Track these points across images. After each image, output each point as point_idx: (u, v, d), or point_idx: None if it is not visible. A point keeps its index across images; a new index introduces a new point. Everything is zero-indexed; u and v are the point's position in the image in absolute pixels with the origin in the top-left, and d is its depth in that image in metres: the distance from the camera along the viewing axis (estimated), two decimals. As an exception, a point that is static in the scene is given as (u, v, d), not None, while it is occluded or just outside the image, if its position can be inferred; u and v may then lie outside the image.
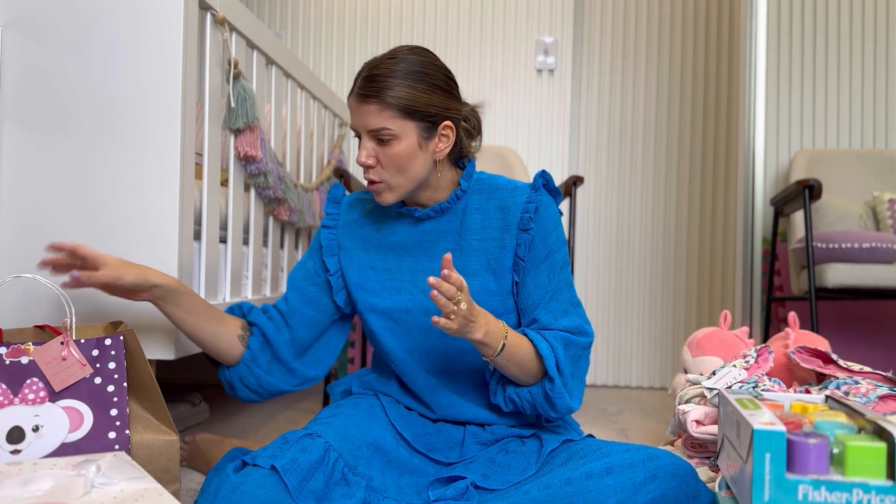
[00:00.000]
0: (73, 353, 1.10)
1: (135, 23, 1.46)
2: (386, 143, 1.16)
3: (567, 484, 1.04)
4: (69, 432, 1.05)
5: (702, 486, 1.06)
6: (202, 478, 1.55)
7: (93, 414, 1.08)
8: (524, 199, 1.23)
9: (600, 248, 3.21)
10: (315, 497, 1.03)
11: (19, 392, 1.06)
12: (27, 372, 1.08)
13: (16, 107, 1.47)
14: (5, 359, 1.08)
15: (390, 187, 1.20)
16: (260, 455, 1.06)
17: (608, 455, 1.07)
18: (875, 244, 2.11)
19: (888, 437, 0.84)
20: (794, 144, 2.76)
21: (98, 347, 1.13)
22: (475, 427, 1.26)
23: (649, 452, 1.07)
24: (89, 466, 0.88)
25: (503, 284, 1.23)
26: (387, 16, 3.14)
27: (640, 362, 3.19)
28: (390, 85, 1.14)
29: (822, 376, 1.57)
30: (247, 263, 1.95)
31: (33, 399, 1.06)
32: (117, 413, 1.09)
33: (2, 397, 1.05)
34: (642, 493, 1.02)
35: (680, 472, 1.05)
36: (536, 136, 3.08)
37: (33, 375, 1.08)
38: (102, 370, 1.11)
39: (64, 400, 1.08)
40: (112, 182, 1.46)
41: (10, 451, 1.02)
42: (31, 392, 1.07)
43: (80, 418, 1.07)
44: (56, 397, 1.08)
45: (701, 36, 3.18)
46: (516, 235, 1.22)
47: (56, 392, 1.08)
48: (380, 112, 1.15)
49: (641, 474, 1.03)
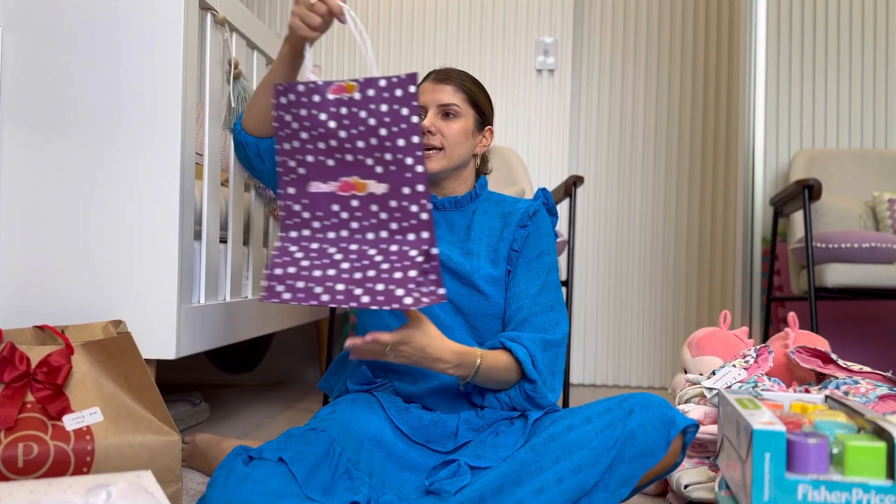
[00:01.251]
0: None
1: (135, 23, 1.46)
2: (450, 119, 1.36)
3: (551, 440, 1.10)
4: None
5: (676, 412, 1.11)
6: (203, 478, 1.55)
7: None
8: (525, 206, 1.40)
9: (600, 248, 3.21)
10: (321, 489, 1.04)
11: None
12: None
13: (16, 107, 1.48)
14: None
15: (444, 157, 1.35)
16: (266, 448, 1.07)
17: (588, 409, 1.14)
18: (875, 244, 2.11)
19: (888, 437, 0.84)
20: (794, 144, 2.76)
21: None
22: (468, 413, 1.29)
23: (623, 396, 1.14)
24: (99, 493, 0.85)
25: (499, 271, 1.35)
26: (387, 16, 3.14)
27: (640, 362, 3.20)
28: (463, 78, 1.40)
29: (822, 376, 1.57)
30: (247, 263, 1.95)
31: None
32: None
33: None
34: (620, 428, 1.08)
35: (654, 403, 1.11)
36: (536, 136, 3.08)
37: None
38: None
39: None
40: (112, 182, 1.47)
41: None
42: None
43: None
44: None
45: (701, 36, 3.19)
46: (514, 231, 1.36)
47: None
48: (454, 92, 1.37)
49: (618, 413, 1.10)
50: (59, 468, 1.10)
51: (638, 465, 1.07)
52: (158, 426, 1.17)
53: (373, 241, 1.09)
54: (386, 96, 1.05)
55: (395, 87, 1.05)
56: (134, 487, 0.86)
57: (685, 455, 1.16)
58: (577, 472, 1.05)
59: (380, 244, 1.09)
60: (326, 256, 1.10)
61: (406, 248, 1.07)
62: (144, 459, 1.14)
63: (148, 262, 1.45)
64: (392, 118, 1.05)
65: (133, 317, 1.45)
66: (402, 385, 1.34)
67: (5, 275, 1.48)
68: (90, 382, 1.18)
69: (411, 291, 1.02)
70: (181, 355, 1.47)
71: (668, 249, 3.19)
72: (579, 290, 3.21)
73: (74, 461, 1.11)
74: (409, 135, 1.05)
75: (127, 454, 1.14)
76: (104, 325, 1.33)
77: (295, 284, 1.08)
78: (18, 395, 1.13)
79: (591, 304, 3.21)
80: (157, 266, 1.45)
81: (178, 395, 2.11)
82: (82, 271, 1.46)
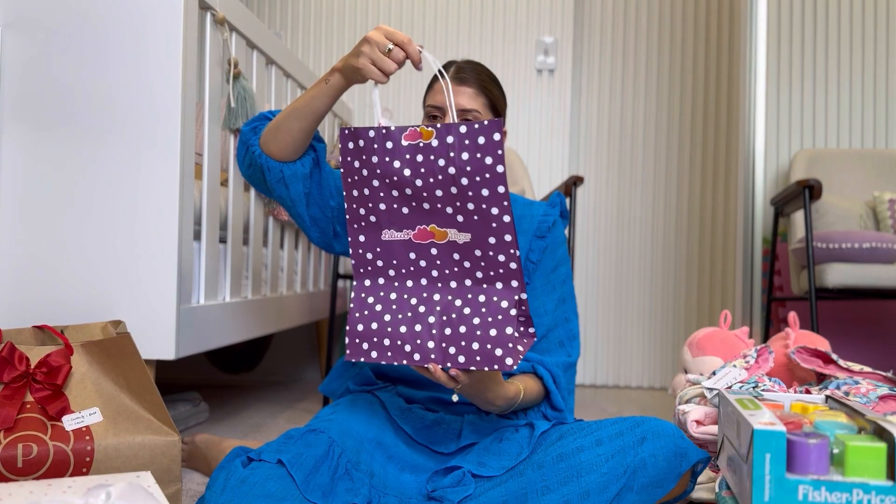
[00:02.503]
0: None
1: (135, 23, 1.46)
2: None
3: (560, 460, 1.07)
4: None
5: (689, 444, 1.09)
6: (202, 478, 1.55)
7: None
8: (541, 213, 1.36)
9: (600, 247, 3.21)
10: (321, 491, 1.04)
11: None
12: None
13: (16, 106, 1.47)
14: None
15: None
16: (265, 450, 1.07)
17: (598, 429, 1.11)
18: (875, 244, 2.11)
19: (888, 438, 0.84)
20: (794, 144, 2.76)
21: None
22: (473, 416, 1.28)
23: (636, 420, 1.10)
24: (98, 493, 0.85)
25: None
26: (387, 16, 3.14)
27: (640, 362, 3.19)
28: (485, 79, 1.32)
29: (822, 376, 1.57)
30: (247, 263, 1.95)
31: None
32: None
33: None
34: (632, 456, 1.05)
35: (667, 432, 1.08)
36: (536, 136, 3.08)
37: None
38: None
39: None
40: (112, 182, 1.46)
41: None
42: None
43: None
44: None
45: (701, 36, 3.18)
46: (531, 241, 1.33)
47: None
48: (475, 96, 1.30)
49: (630, 439, 1.07)
50: (58, 468, 1.10)
51: (646, 495, 1.05)
52: (158, 426, 1.17)
53: (457, 291, 1.02)
54: (467, 143, 0.97)
55: (478, 135, 0.97)
56: (134, 488, 0.85)
57: (695, 485, 1.15)
58: (585, 497, 1.03)
59: (466, 294, 1.01)
60: (409, 308, 1.02)
61: (496, 299, 0.99)
62: (144, 460, 1.13)
63: (147, 262, 1.45)
64: (474, 167, 0.97)
65: (132, 317, 1.45)
66: (405, 390, 1.33)
67: (5, 275, 1.47)
68: (90, 383, 1.18)
69: (511, 351, 0.96)
70: (181, 356, 1.47)
71: (669, 249, 3.19)
72: (579, 290, 3.20)
73: (74, 461, 1.11)
74: (495, 185, 0.96)
75: (126, 455, 1.13)
76: (104, 326, 1.33)
77: (381, 342, 1.01)
78: (18, 396, 1.13)
79: (591, 304, 3.20)
80: (157, 266, 1.45)
81: (178, 395, 2.11)
82: (82, 271, 1.46)
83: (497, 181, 0.96)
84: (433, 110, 1.29)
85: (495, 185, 0.96)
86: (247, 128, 1.31)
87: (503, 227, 0.97)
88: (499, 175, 0.96)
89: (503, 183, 0.96)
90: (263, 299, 1.99)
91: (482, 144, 0.97)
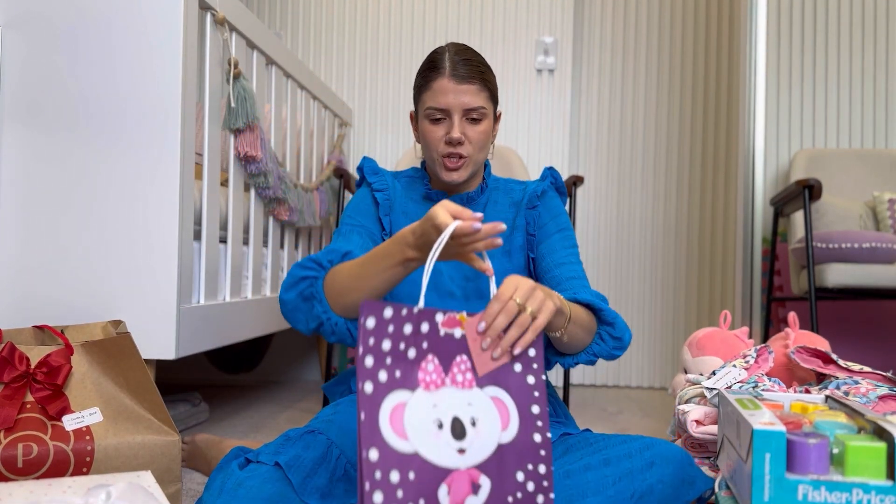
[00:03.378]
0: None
1: (135, 23, 1.46)
2: (476, 122, 1.25)
3: (566, 477, 1.05)
4: (501, 430, 0.89)
5: (698, 471, 1.07)
6: (202, 478, 1.55)
7: (517, 409, 0.91)
8: (532, 187, 1.37)
9: (600, 247, 3.21)
10: (319, 493, 1.03)
11: (449, 372, 0.89)
12: (457, 348, 0.90)
13: (16, 107, 1.47)
14: (440, 328, 0.89)
15: (471, 163, 1.28)
16: (263, 452, 1.07)
17: (606, 447, 1.09)
18: (875, 244, 2.11)
19: (888, 437, 0.84)
20: (794, 144, 2.76)
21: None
22: None
23: (645, 442, 1.08)
24: (99, 493, 0.85)
25: (516, 262, 1.32)
26: (387, 16, 3.14)
27: (640, 362, 3.19)
28: (484, 70, 1.26)
29: (822, 376, 1.57)
30: (247, 263, 1.95)
31: (461, 382, 0.89)
32: (539, 410, 0.92)
33: (435, 376, 0.87)
34: (639, 481, 1.03)
35: (676, 459, 1.06)
36: (536, 136, 3.08)
37: (462, 352, 0.90)
38: (522, 357, 0.93)
39: (489, 387, 0.90)
40: (112, 182, 1.46)
41: (457, 451, 0.84)
42: (459, 373, 0.89)
43: (507, 414, 0.90)
44: (481, 382, 0.90)
45: (701, 36, 3.18)
46: (525, 214, 1.34)
47: (479, 377, 0.90)
48: (479, 92, 1.24)
49: (639, 462, 1.05)
50: (58, 468, 1.10)
51: None
52: (158, 426, 1.17)
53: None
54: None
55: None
56: (134, 487, 0.85)
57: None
58: None
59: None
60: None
61: None
62: (144, 460, 1.14)
63: (147, 262, 1.45)
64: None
65: (133, 317, 1.45)
66: None
67: (5, 275, 1.47)
68: (90, 382, 1.18)
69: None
70: (181, 355, 1.47)
71: (669, 249, 3.19)
72: (579, 290, 3.20)
73: (74, 461, 1.11)
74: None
75: (126, 454, 1.14)
76: (104, 326, 1.33)
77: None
78: (18, 396, 1.13)
79: (591, 304, 3.20)
80: (157, 266, 1.45)
81: (178, 395, 2.11)
82: (82, 271, 1.46)
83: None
84: (435, 112, 1.24)
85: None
86: (305, 286, 1.13)
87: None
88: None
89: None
90: (263, 299, 1.99)
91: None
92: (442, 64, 1.25)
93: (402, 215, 1.35)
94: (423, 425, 0.84)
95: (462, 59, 1.25)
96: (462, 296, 1.29)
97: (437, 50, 1.29)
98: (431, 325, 0.89)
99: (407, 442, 0.83)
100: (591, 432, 1.21)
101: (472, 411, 0.88)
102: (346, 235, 1.27)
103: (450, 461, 0.85)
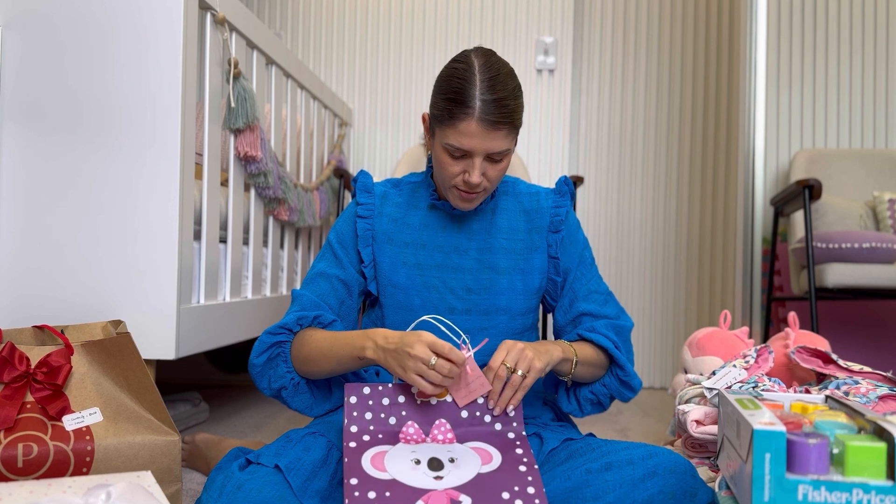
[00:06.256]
0: (472, 369, 1.08)
1: (135, 23, 1.46)
2: (498, 162, 1.18)
3: (567, 481, 1.05)
4: (482, 464, 1.03)
5: (700, 483, 1.07)
6: (202, 478, 1.55)
7: (500, 453, 1.05)
8: (551, 204, 1.31)
9: (600, 248, 3.21)
10: (319, 496, 1.03)
11: (430, 434, 1.06)
12: (436, 413, 1.07)
13: (16, 107, 1.47)
14: (417, 398, 1.07)
15: (484, 195, 1.23)
16: (263, 453, 1.06)
17: (608, 453, 1.08)
18: (875, 244, 2.11)
19: (888, 437, 0.84)
20: (794, 144, 2.76)
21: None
22: None
23: (649, 450, 1.08)
24: (99, 493, 0.85)
25: (529, 284, 1.29)
26: (387, 16, 3.14)
27: (640, 362, 3.19)
28: (515, 108, 1.14)
29: (822, 376, 1.57)
30: (247, 263, 1.95)
31: (442, 440, 1.06)
32: (523, 452, 1.06)
33: (416, 436, 1.06)
34: (640, 490, 1.03)
35: (679, 469, 1.05)
36: (536, 136, 3.08)
37: (441, 416, 1.07)
38: (501, 416, 1.09)
39: (471, 443, 1.07)
40: (112, 182, 1.46)
41: (434, 478, 0.99)
42: (440, 434, 1.06)
43: (490, 455, 1.05)
44: (462, 439, 1.07)
45: (701, 36, 3.18)
46: (546, 237, 1.30)
47: (459, 434, 1.08)
48: (507, 136, 1.15)
49: (640, 471, 1.04)
50: (58, 468, 1.10)
51: None
52: (158, 426, 1.17)
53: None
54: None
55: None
56: (134, 487, 0.85)
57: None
58: None
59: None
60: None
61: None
62: (144, 460, 1.13)
63: (147, 262, 1.45)
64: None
65: (133, 317, 1.45)
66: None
67: (5, 275, 1.47)
68: (90, 382, 1.18)
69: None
70: (181, 355, 1.47)
71: (669, 249, 3.19)
72: (579, 290, 3.20)
73: (74, 461, 1.11)
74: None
75: (127, 454, 1.14)
76: (104, 326, 1.33)
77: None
78: (18, 396, 1.13)
79: (591, 304, 3.20)
80: (157, 266, 1.45)
81: (178, 395, 2.11)
82: (82, 271, 1.46)
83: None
84: (455, 150, 1.15)
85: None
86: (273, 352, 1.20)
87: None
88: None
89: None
90: (263, 299, 1.99)
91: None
92: (471, 102, 1.11)
93: (391, 234, 1.30)
94: (402, 463, 1.00)
95: (493, 98, 1.11)
96: (463, 309, 1.26)
97: (464, 70, 1.14)
98: (408, 396, 1.06)
99: (385, 473, 0.98)
100: (595, 437, 1.20)
101: (451, 455, 1.03)
102: (316, 282, 1.27)
103: (427, 485, 0.97)
